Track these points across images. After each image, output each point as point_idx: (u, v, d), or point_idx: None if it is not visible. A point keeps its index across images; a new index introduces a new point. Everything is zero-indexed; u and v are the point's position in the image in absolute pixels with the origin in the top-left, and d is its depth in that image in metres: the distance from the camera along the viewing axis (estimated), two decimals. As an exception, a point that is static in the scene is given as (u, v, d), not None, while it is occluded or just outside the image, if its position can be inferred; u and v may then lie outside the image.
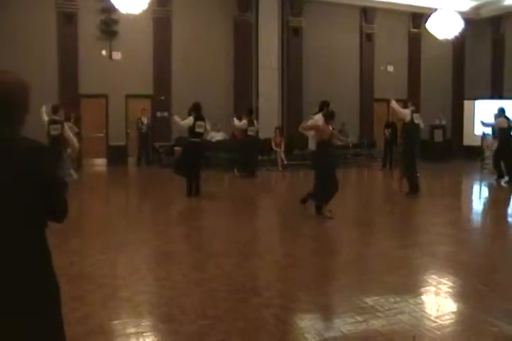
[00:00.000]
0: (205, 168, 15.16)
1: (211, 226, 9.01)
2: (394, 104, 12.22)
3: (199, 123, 11.61)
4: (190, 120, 11.54)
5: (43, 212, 2.35)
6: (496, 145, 14.83)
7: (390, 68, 22.62)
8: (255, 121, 15.98)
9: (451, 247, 7.33)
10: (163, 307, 4.98)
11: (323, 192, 9.22)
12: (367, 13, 21.87)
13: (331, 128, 9.46)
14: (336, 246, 7.39)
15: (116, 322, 4.59)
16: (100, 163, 18.45)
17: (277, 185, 15.65)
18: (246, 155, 15.85)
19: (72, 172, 13.72)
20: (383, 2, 21.25)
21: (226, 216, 10.11)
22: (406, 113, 12.01)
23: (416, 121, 12.06)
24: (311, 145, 9.83)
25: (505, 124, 14.20)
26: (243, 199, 12.27)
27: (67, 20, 17.70)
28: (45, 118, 11.96)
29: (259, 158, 17.29)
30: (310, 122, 9.74)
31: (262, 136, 18.87)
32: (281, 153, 17.36)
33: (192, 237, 8.12)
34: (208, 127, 12.45)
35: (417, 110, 12.57)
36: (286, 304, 5.02)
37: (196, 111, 11.67)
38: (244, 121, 15.77)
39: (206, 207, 11.10)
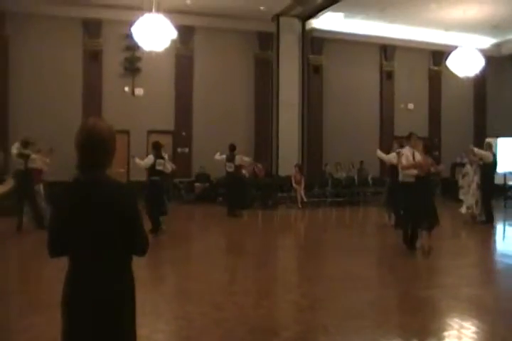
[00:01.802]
0: (225, 205, 15.21)
1: (231, 263, 8.95)
2: (379, 152, 12.77)
3: (159, 161, 11.84)
4: (150, 159, 11.81)
5: (128, 246, 2.68)
6: None
7: (410, 106, 22.63)
8: (237, 157, 15.01)
9: (475, 290, 7.17)
10: (180, 346, 4.93)
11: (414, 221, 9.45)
12: (387, 51, 22.06)
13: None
14: (356, 285, 7.25)
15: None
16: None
17: (297, 223, 15.56)
18: (228, 193, 15.36)
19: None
20: (403, 40, 21.43)
21: (245, 254, 10.05)
22: (391, 157, 12.23)
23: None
24: (404, 178, 9.84)
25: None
26: (261, 236, 12.21)
27: (93, 57, 18.21)
28: (14, 151, 11.93)
29: (279, 194, 17.33)
30: (404, 159, 9.76)
31: (282, 173, 18.95)
32: (301, 190, 17.33)
33: (211, 274, 8.06)
34: (168, 165, 12.52)
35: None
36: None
37: (156, 149, 11.91)
38: (223, 156, 14.97)
39: (226, 244, 11.06)
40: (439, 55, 22.43)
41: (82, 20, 18.06)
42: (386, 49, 22.02)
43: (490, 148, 13.60)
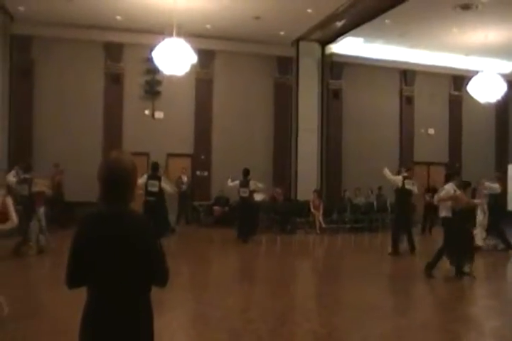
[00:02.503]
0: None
1: (248, 289, 8.81)
2: (386, 171, 12.87)
3: (151, 182, 11.86)
4: (143, 179, 11.81)
5: (148, 277, 2.70)
6: None
7: (431, 131, 22.45)
8: (252, 182, 14.72)
9: (497, 321, 6.94)
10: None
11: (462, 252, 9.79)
12: (407, 76, 21.98)
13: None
14: (375, 315, 7.07)
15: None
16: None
17: (315, 249, 15.38)
18: (239, 218, 14.96)
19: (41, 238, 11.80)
20: (423, 65, 21.35)
21: (262, 280, 9.90)
22: (397, 179, 12.76)
23: (407, 187, 12.73)
24: (445, 212, 10.06)
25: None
26: (278, 262, 12.05)
27: (114, 80, 18.43)
28: (13, 179, 11.79)
29: (298, 219, 17.19)
30: (444, 193, 10.09)
31: (300, 197, 18.83)
32: (319, 215, 17.16)
33: (228, 300, 7.92)
34: (165, 185, 12.49)
35: (409, 176, 13.12)
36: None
37: (152, 170, 11.94)
38: (236, 182, 14.74)
39: (245, 269, 10.92)
40: (460, 79, 22.31)
41: (104, 43, 18.32)
42: (406, 74, 21.95)
43: (499, 180, 14.08)
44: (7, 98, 17.24)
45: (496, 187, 13.60)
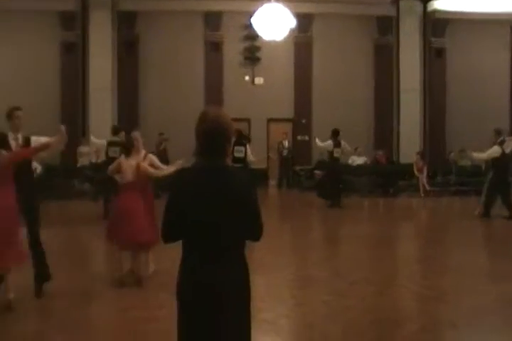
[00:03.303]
0: (345, 191, 15.14)
1: (352, 251, 8.91)
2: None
3: (237, 148, 11.80)
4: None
5: (244, 232, 2.74)
6: None
7: (545, 89, 21.12)
8: (342, 142, 14.16)
9: None
10: (305, 332, 5.02)
11: None
12: (518, 29, 20.69)
13: None
14: (485, 279, 6.96)
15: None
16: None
17: (419, 212, 15.15)
18: (330, 179, 14.27)
19: None
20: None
21: (365, 242, 9.95)
22: (494, 151, 11.88)
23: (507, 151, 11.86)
24: None
25: None
26: (382, 225, 12.03)
27: (214, 48, 18.80)
28: (97, 141, 12.39)
29: (401, 182, 16.97)
30: None
31: (403, 160, 18.51)
32: (423, 178, 16.81)
33: (332, 262, 8.08)
34: (249, 152, 12.40)
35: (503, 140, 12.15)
36: (431, 340, 4.84)
37: (236, 136, 11.90)
38: (330, 142, 14.06)
39: (347, 232, 11.01)
40: None
41: (203, 12, 18.64)
42: (517, 26, 20.63)
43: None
44: (116, 71, 18.14)
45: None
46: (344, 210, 13.49)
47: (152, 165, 7.10)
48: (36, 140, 5.94)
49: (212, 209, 2.64)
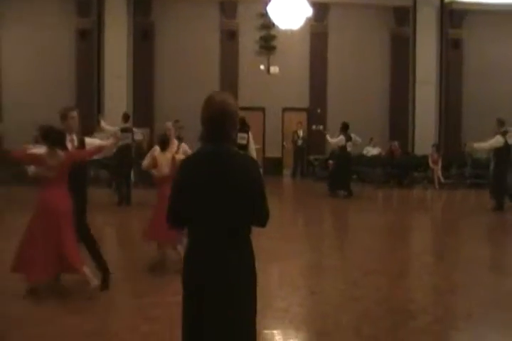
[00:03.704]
0: (359, 182, 15.08)
1: (366, 241, 8.89)
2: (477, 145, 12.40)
3: (240, 135, 11.83)
4: None
5: (249, 218, 2.72)
6: None
7: None
8: (353, 135, 14.22)
9: None
10: (318, 321, 5.03)
11: None
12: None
13: None
14: (500, 272, 6.93)
15: (274, 331, 4.74)
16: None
17: (433, 204, 15.08)
18: (342, 171, 14.22)
19: None
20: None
21: (379, 232, 9.95)
22: (495, 142, 11.76)
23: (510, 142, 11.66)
24: None
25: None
26: (396, 216, 12.01)
27: (229, 37, 18.74)
28: (109, 128, 12.50)
29: (415, 174, 16.94)
30: None
31: (418, 152, 18.42)
32: (438, 170, 16.72)
33: (345, 252, 8.09)
34: (251, 139, 12.36)
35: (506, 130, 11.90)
36: (446, 331, 4.83)
37: (240, 124, 11.87)
38: (342, 137, 14.09)
39: (361, 222, 10.99)
40: None
41: (219, 1, 18.60)
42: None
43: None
44: (131, 58, 18.17)
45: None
46: (358, 200, 13.48)
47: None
48: (91, 142, 5.88)
49: (218, 195, 2.63)
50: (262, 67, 18.87)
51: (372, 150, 17.91)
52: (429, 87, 19.37)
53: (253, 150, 12.44)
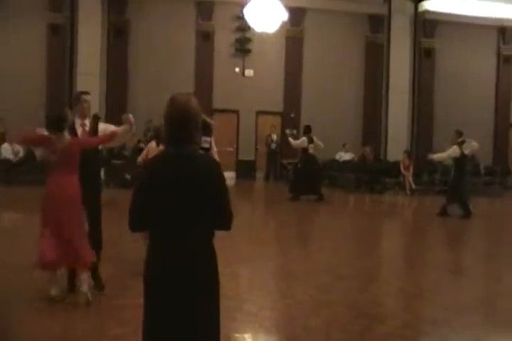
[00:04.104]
0: (331, 187, 15.13)
1: (336, 246, 8.92)
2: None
3: (204, 138, 11.86)
4: None
5: (212, 221, 2.68)
6: None
7: (530, 92, 21.34)
8: (315, 139, 14.20)
9: None
10: (288, 325, 5.02)
11: None
12: (505, 34, 20.87)
13: None
14: (465, 277, 7.04)
15: (244, 335, 4.74)
16: (229, 176, 18.92)
17: (404, 209, 15.25)
18: (307, 174, 14.08)
19: None
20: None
21: (351, 237, 10.01)
22: (451, 153, 12.05)
23: (465, 152, 11.96)
24: None
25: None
26: (367, 221, 12.08)
27: (205, 38, 18.71)
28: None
29: (387, 179, 17.10)
30: None
31: (390, 158, 18.63)
32: (409, 176, 16.93)
33: (316, 256, 8.10)
34: (213, 143, 12.44)
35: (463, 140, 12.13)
36: (413, 336, 4.87)
37: (203, 128, 11.85)
38: (304, 138, 14.14)
39: (332, 227, 11.05)
40: None
41: (196, 1, 18.56)
42: (505, 31, 20.83)
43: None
44: (105, 56, 17.95)
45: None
46: (329, 205, 13.55)
47: None
48: (105, 128, 5.64)
49: (181, 197, 2.60)
50: (237, 69, 18.86)
51: (344, 156, 18.04)
52: (402, 94, 19.66)
53: (215, 153, 12.41)
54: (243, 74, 18.87)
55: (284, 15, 14.96)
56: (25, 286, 5.63)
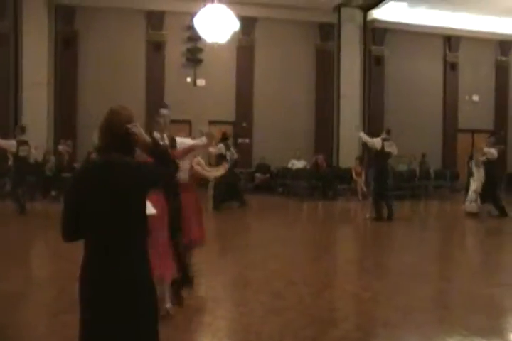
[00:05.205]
0: (284, 195, 15.18)
1: (289, 253, 8.96)
2: (362, 135, 12.85)
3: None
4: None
5: (142, 224, 2.73)
6: None
7: (475, 98, 21.98)
8: (231, 147, 14.42)
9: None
10: (241, 333, 5.00)
11: None
12: (451, 42, 21.48)
13: None
14: (417, 279, 7.15)
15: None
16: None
17: (357, 215, 15.39)
18: (226, 183, 13.94)
19: None
20: (468, 30, 20.79)
21: (303, 244, 10.06)
22: (376, 142, 12.35)
23: (387, 150, 12.34)
24: None
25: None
26: (320, 227, 12.18)
27: (156, 48, 18.64)
28: (4, 142, 12.41)
29: (340, 186, 17.28)
30: None
31: (342, 164, 18.85)
32: (361, 182, 17.19)
33: (269, 263, 8.09)
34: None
35: (387, 138, 12.58)
36: (365, 338, 4.92)
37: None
38: (221, 145, 13.99)
39: (284, 234, 11.08)
40: (506, 44, 21.74)
41: (146, 12, 18.47)
42: (450, 39, 21.45)
43: (494, 145, 13.38)
44: (52, 67, 17.66)
45: (493, 152, 13.16)
46: (282, 213, 13.59)
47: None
48: (181, 142, 5.54)
49: (104, 204, 2.62)
50: (188, 79, 18.81)
51: (297, 164, 18.16)
52: (353, 101, 19.96)
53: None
54: (195, 84, 18.85)
55: (235, 25, 14.95)
56: None
